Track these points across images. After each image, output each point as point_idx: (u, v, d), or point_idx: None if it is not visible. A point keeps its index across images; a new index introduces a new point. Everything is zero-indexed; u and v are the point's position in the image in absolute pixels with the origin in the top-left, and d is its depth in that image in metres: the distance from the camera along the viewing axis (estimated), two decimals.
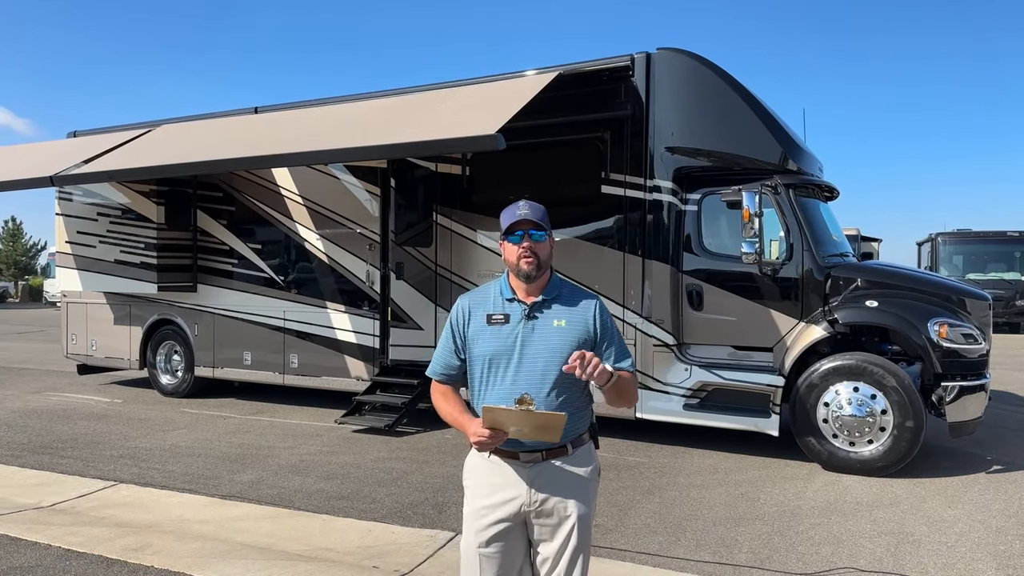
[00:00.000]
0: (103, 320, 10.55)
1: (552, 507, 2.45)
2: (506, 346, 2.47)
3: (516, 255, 2.48)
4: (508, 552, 2.48)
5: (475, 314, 2.54)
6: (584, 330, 2.49)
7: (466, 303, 2.59)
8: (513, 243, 2.49)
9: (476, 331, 2.52)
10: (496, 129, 6.00)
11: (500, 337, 2.48)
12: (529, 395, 2.34)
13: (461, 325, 2.56)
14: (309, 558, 4.36)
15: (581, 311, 2.53)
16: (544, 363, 2.43)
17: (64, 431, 7.93)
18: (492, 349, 2.48)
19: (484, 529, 2.47)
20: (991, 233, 22.43)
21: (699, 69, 6.97)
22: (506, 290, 2.55)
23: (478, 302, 2.57)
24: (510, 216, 2.53)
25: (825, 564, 4.34)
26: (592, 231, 7.35)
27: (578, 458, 2.51)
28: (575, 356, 2.27)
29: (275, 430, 8.00)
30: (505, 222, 2.53)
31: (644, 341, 7.05)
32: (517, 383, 2.42)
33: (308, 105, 8.84)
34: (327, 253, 8.86)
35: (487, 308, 2.54)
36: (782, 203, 6.73)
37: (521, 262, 2.47)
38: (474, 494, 2.53)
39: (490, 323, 2.50)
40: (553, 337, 2.46)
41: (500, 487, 2.47)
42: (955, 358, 6.20)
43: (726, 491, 5.77)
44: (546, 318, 2.49)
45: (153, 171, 8.69)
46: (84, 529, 4.83)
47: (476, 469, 2.56)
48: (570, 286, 2.63)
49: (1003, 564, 4.36)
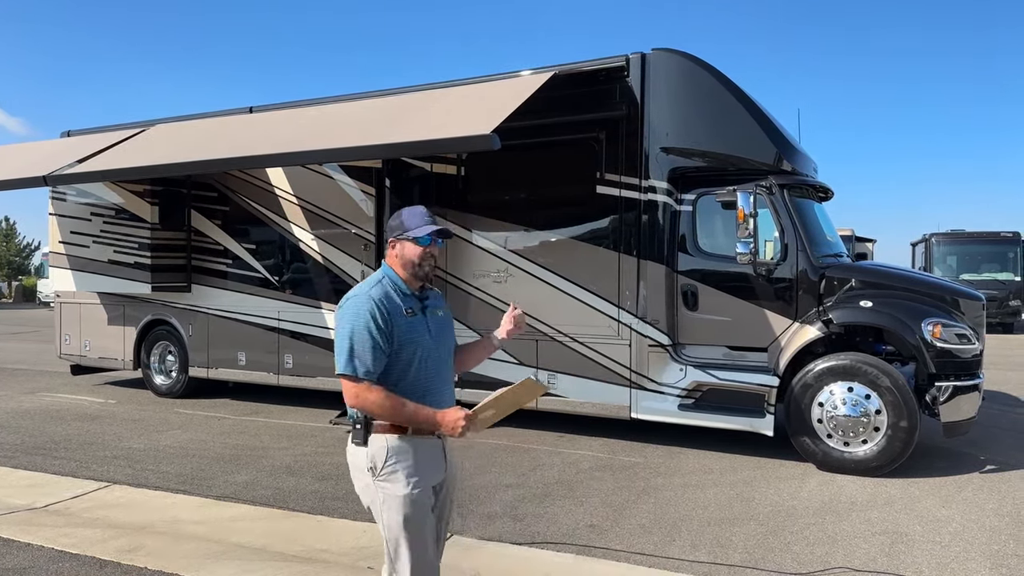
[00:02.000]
0: (97, 320, 10.50)
1: (453, 472, 2.88)
2: (423, 336, 2.71)
3: (421, 257, 2.72)
4: (433, 527, 2.74)
5: (393, 312, 2.66)
6: (449, 313, 2.95)
7: (379, 300, 2.65)
8: (423, 245, 2.71)
9: (399, 325, 2.65)
10: (491, 129, 5.99)
11: (418, 329, 2.70)
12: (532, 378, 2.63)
13: (385, 323, 2.62)
14: (304, 559, 4.35)
15: (441, 299, 2.93)
16: (447, 346, 2.85)
17: (57, 432, 7.89)
18: (416, 339, 2.69)
19: (422, 507, 2.65)
20: (985, 234, 22.53)
21: (694, 70, 6.98)
22: (403, 285, 2.75)
23: (389, 300, 2.68)
24: (420, 221, 2.74)
25: (820, 564, 4.35)
26: (587, 231, 7.36)
27: None
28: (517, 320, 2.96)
29: (269, 431, 7.98)
30: (414, 224, 2.73)
31: (639, 341, 7.06)
32: (434, 368, 2.74)
33: (303, 105, 8.81)
34: (322, 253, 8.84)
35: (399, 304, 2.69)
36: (777, 203, 6.75)
37: (425, 264, 2.73)
38: (407, 474, 2.63)
39: (406, 316, 2.69)
40: (446, 323, 2.88)
41: (429, 465, 2.71)
42: (949, 358, 6.22)
43: (721, 491, 5.77)
44: (435, 308, 2.83)
45: (147, 171, 8.65)
46: (77, 530, 4.80)
47: (402, 452, 2.65)
48: None
49: (997, 564, 4.37)
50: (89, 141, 9.54)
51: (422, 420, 2.61)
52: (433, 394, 2.70)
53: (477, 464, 6.53)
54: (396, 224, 2.77)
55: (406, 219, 2.77)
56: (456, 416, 2.56)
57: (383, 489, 2.63)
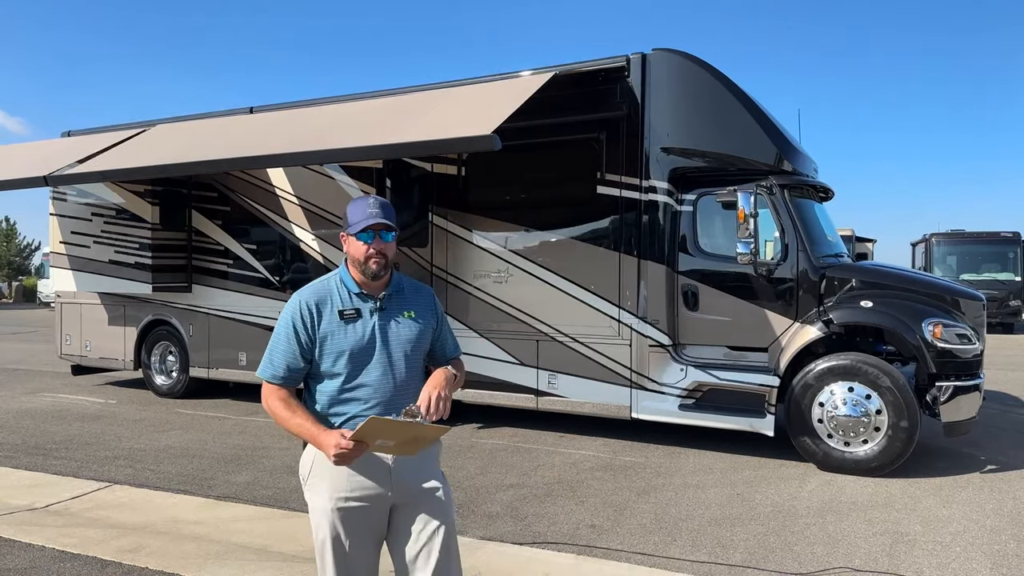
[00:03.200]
0: (97, 320, 10.50)
1: (416, 490, 2.49)
2: (362, 341, 2.47)
3: (364, 254, 2.48)
4: (368, 545, 2.49)
5: (324, 310, 2.48)
6: (429, 318, 2.64)
7: (310, 300, 2.49)
8: (363, 241, 2.48)
9: (328, 328, 2.47)
10: (492, 129, 6.00)
11: (356, 332, 2.48)
12: (416, 407, 2.36)
13: (309, 324, 2.46)
14: (304, 559, 4.35)
15: (424, 301, 2.66)
16: (402, 353, 2.52)
17: (58, 432, 7.89)
18: (350, 344, 2.46)
19: (343, 521, 2.42)
20: (985, 234, 22.52)
21: (694, 70, 6.98)
22: (352, 284, 2.54)
23: (323, 298, 2.50)
24: (361, 214, 2.50)
25: (820, 564, 4.35)
26: (588, 231, 7.36)
27: None
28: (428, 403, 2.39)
29: (270, 431, 7.99)
30: (355, 218, 2.51)
31: (640, 341, 7.06)
32: (377, 374, 2.47)
33: (304, 105, 8.82)
34: (322, 253, 8.84)
35: (336, 304, 2.50)
36: (777, 204, 6.75)
37: (370, 262, 2.49)
38: (330, 486, 2.43)
39: (343, 319, 2.48)
40: (407, 328, 2.56)
41: (360, 480, 2.43)
42: (949, 358, 6.22)
43: (722, 491, 5.78)
44: (396, 310, 2.56)
45: (148, 171, 8.66)
46: (78, 530, 4.81)
47: (326, 461, 2.39)
48: (408, 279, 2.71)
49: (997, 564, 4.37)
50: (90, 141, 9.54)
51: (306, 436, 2.41)
52: (368, 403, 2.44)
53: (478, 464, 6.53)
54: (344, 220, 2.58)
55: (349, 212, 2.54)
56: (330, 443, 2.29)
57: (309, 500, 2.50)
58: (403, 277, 2.68)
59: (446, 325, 2.77)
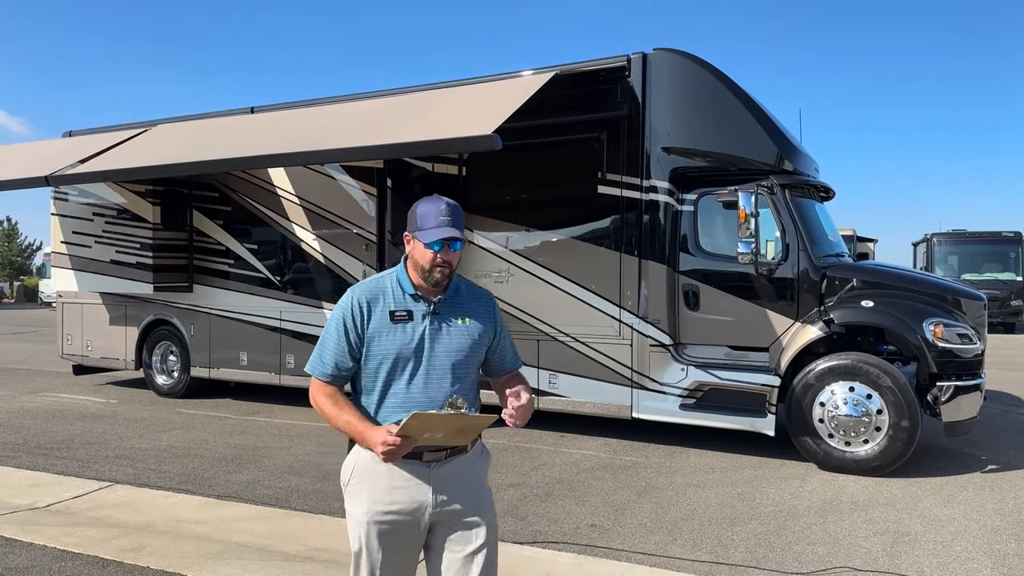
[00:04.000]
0: (99, 320, 10.51)
1: (459, 508, 2.37)
2: (411, 345, 2.37)
3: (431, 262, 2.37)
4: (405, 559, 2.39)
5: (375, 309, 2.39)
6: (487, 327, 2.50)
7: (362, 297, 2.40)
8: (431, 249, 2.36)
9: (377, 328, 2.38)
10: (493, 129, 6.00)
11: (405, 335, 2.37)
12: (460, 398, 2.30)
13: (359, 322, 2.38)
14: (306, 558, 4.35)
15: (482, 309, 2.52)
16: (451, 361, 2.39)
17: (59, 431, 7.90)
18: (396, 348, 2.36)
19: (385, 535, 2.34)
20: (986, 233, 22.51)
21: (695, 69, 6.98)
22: (408, 285, 2.43)
23: (375, 296, 2.41)
24: (432, 220, 2.38)
25: (821, 563, 4.35)
26: (588, 231, 7.36)
27: (475, 455, 2.48)
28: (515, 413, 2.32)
29: (271, 430, 7.99)
30: (425, 223, 2.38)
31: (640, 341, 7.06)
32: (421, 382, 2.37)
33: (304, 105, 8.82)
34: (323, 253, 8.85)
35: (388, 303, 2.40)
36: (778, 203, 6.75)
37: (436, 271, 2.38)
38: (373, 498, 2.35)
39: (394, 320, 2.38)
40: (459, 336, 2.43)
41: (399, 489, 2.34)
42: (950, 358, 6.22)
43: (722, 491, 5.78)
44: (451, 317, 2.43)
45: (149, 171, 8.66)
46: (79, 530, 4.81)
47: (371, 471, 2.37)
48: (467, 283, 2.58)
49: (998, 563, 4.37)
50: (91, 141, 9.55)
51: (353, 434, 2.36)
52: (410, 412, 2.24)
53: None
54: (410, 217, 2.45)
55: (419, 214, 2.42)
56: (377, 439, 2.23)
57: (347, 507, 2.44)
58: (461, 281, 2.55)
59: (505, 334, 2.62)
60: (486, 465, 2.55)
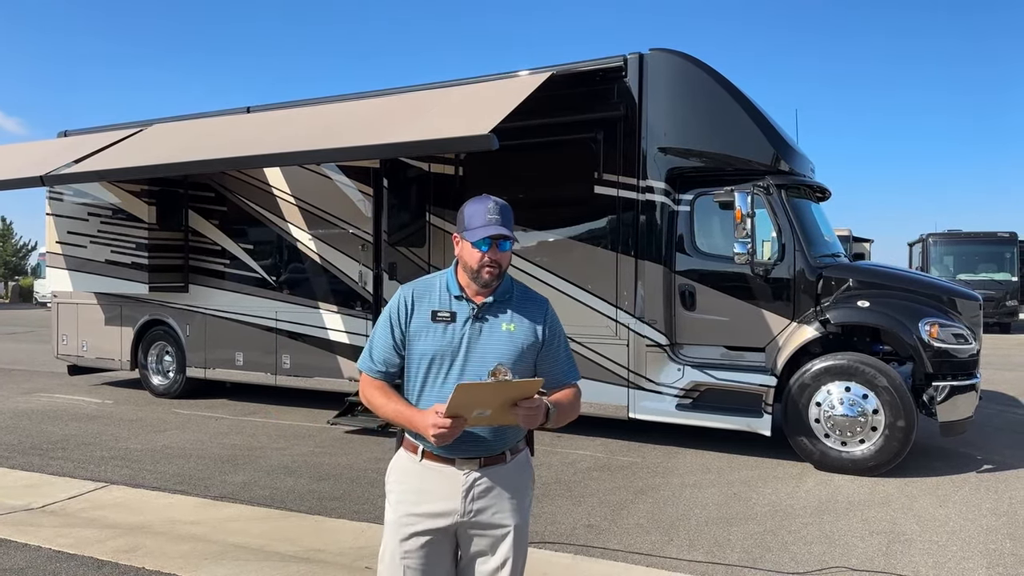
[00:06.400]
0: (94, 321, 10.48)
1: (488, 519, 2.30)
2: (450, 347, 2.31)
3: (479, 262, 2.30)
4: (432, 565, 2.32)
5: (419, 308, 2.35)
6: (532, 336, 2.38)
7: (409, 295, 2.38)
8: (479, 250, 2.30)
9: (419, 327, 2.34)
10: (489, 129, 6.00)
11: (445, 336, 2.32)
12: (503, 366, 2.23)
13: (403, 319, 2.35)
14: (301, 559, 4.35)
15: (533, 313, 2.42)
16: (490, 367, 2.28)
17: (54, 432, 7.88)
18: (434, 348, 2.31)
19: (409, 538, 2.30)
20: (981, 234, 22.57)
21: (691, 70, 6.98)
22: (454, 286, 2.37)
23: (422, 295, 2.38)
24: (480, 220, 2.31)
25: (817, 563, 4.35)
26: (585, 231, 7.36)
27: (516, 467, 2.39)
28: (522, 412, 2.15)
29: (267, 431, 7.98)
30: (473, 223, 2.32)
31: (637, 341, 7.06)
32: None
33: (300, 105, 8.81)
34: (320, 253, 8.83)
35: (432, 303, 2.35)
36: (774, 204, 6.76)
37: (484, 271, 2.31)
38: (400, 500, 2.35)
39: (435, 320, 2.33)
40: (501, 342, 2.33)
41: (431, 495, 2.31)
42: (946, 358, 6.23)
43: (719, 491, 5.78)
44: (496, 321, 2.35)
45: (144, 171, 8.63)
46: (75, 531, 4.80)
47: (405, 473, 2.37)
48: (521, 287, 2.48)
49: (993, 563, 4.38)
50: (86, 141, 9.53)
51: (402, 422, 2.31)
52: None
53: None
54: (458, 218, 2.39)
55: (467, 214, 2.35)
56: (427, 423, 2.15)
57: (386, 509, 2.43)
58: (515, 283, 2.46)
59: (561, 343, 2.46)
60: (526, 478, 2.44)
